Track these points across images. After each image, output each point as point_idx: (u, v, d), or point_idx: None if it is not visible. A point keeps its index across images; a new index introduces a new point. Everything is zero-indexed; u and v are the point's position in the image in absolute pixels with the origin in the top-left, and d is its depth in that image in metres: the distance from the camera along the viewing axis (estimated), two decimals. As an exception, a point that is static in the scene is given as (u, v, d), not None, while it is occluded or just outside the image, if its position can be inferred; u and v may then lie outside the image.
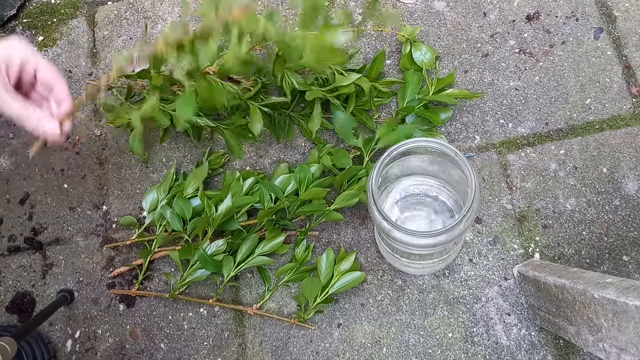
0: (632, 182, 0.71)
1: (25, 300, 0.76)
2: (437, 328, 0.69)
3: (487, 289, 0.70)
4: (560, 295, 0.57)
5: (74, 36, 0.87)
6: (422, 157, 0.58)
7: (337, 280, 0.67)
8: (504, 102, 0.76)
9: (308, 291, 0.66)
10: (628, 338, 0.47)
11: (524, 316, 0.68)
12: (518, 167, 0.73)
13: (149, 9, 0.87)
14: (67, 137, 0.63)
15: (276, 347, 0.70)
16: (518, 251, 0.70)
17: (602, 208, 0.71)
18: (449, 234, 0.52)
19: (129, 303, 0.74)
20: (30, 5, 0.90)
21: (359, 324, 0.70)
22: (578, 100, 0.75)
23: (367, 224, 0.73)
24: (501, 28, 0.79)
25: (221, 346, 0.71)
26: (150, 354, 0.72)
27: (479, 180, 0.68)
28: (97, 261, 0.76)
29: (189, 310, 0.73)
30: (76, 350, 0.73)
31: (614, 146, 0.73)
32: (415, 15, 0.81)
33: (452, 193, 0.62)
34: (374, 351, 0.69)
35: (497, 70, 0.77)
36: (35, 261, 0.77)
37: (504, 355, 0.67)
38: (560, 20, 0.79)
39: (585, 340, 0.55)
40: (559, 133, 0.74)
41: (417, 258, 0.63)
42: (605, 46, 0.77)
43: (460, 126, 0.76)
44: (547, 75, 0.77)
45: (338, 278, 0.67)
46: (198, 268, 0.69)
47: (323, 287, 0.67)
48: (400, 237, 0.53)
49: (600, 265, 0.69)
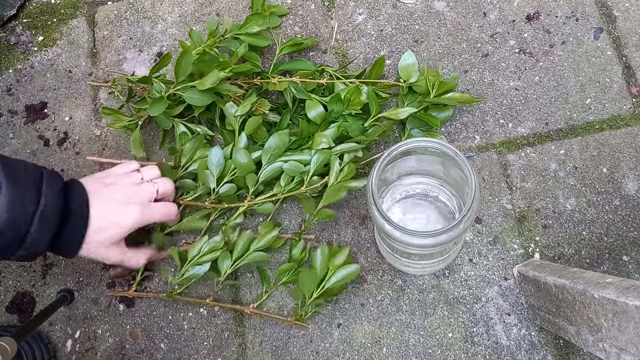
0: (632, 182, 0.71)
1: (25, 300, 0.76)
2: (437, 328, 0.69)
3: (487, 289, 0.70)
4: (560, 295, 0.57)
5: (74, 36, 0.87)
6: (422, 157, 0.58)
7: (332, 274, 0.67)
8: (504, 102, 0.76)
9: (305, 284, 0.66)
10: (628, 338, 0.47)
11: (524, 316, 0.68)
12: (518, 167, 0.73)
13: (149, 9, 0.87)
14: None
15: (276, 347, 0.70)
16: (518, 251, 0.70)
17: (602, 208, 0.71)
18: (449, 234, 0.52)
19: (129, 303, 0.74)
20: (30, 5, 0.90)
21: (359, 324, 0.70)
22: (578, 100, 0.75)
23: (367, 224, 0.73)
24: (501, 28, 0.79)
25: (221, 346, 0.71)
26: (150, 354, 0.72)
27: (479, 180, 0.68)
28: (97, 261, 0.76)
29: (189, 310, 0.73)
30: (76, 350, 0.73)
31: (614, 146, 0.73)
32: (415, 15, 0.81)
33: (452, 193, 0.62)
34: (374, 351, 0.69)
35: (497, 70, 0.77)
36: (35, 261, 0.77)
37: (504, 355, 0.67)
38: (560, 20, 0.79)
39: (585, 340, 0.55)
40: (559, 133, 0.74)
41: (417, 258, 0.63)
42: (605, 46, 0.77)
43: (460, 126, 0.76)
44: (547, 75, 0.77)
45: (333, 272, 0.67)
46: (196, 264, 0.69)
47: (320, 281, 0.67)
48: (400, 237, 0.53)
49: (600, 265, 0.69)
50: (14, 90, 0.84)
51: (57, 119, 0.82)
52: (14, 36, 0.88)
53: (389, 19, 0.82)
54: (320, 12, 0.84)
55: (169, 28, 0.85)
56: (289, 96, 0.73)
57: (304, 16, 0.83)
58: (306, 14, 0.84)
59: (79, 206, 0.59)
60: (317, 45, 0.81)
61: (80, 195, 0.60)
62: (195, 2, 0.86)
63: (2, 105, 0.84)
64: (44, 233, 0.56)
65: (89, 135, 0.81)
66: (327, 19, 0.83)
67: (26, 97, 0.84)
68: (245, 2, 0.85)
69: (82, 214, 0.59)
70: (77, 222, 0.59)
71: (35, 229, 0.55)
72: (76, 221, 0.59)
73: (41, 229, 0.55)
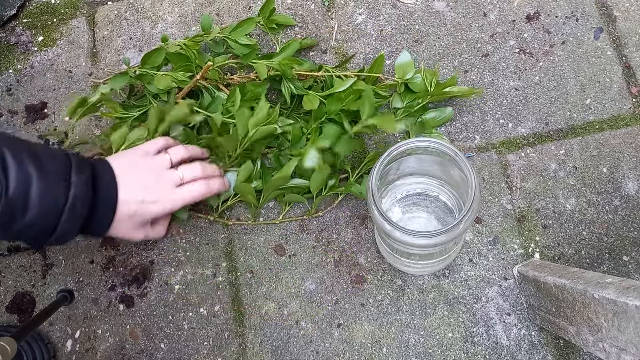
0: (632, 182, 0.71)
1: (25, 300, 0.76)
2: (437, 328, 0.69)
3: (487, 289, 0.70)
4: (560, 295, 0.57)
5: (74, 36, 0.87)
6: (422, 157, 0.58)
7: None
8: (504, 102, 0.76)
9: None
10: (628, 338, 0.47)
11: (524, 316, 0.68)
12: (518, 167, 0.73)
13: (149, 9, 0.87)
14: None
15: (276, 347, 0.70)
16: (518, 251, 0.70)
17: (602, 208, 0.71)
18: (449, 234, 0.52)
19: (129, 303, 0.74)
20: (30, 5, 0.90)
21: (359, 324, 0.70)
22: (578, 100, 0.75)
23: (367, 224, 0.73)
24: (501, 28, 0.79)
25: (221, 346, 0.71)
26: (150, 354, 0.72)
27: (479, 180, 0.68)
28: (97, 261, 0.76)
29: (189, 310, 0.73)
30: (76, 350, 0.73)
31: (614, 146, 0.73)
32: (415, 15, 0.81)
33: (452, 193, 0.62)
34: (374, 351, 0.69)
35: (497, 70, 0.77)
36: (35, 261, 0.77)
37: (504, 355, 0.67)
38: (560, 20, 0.79)
39: (585, 340, 0.55)
40: (559, 133, 0.74)
41: (417, 258, 0.63)
42: (605, 46, 0.77)
43: (460, 126, 0.76)
44: (547, 75, 0.77)
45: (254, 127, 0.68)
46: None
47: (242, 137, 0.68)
48: (400, 237, 0.53)
49: (600, 265, 0.69)
50: (14, 90, 0.85)
51: (57, 119, 0.82)
52: (14, 36, 0.88)
53: (389, 19, 0.82)
54: (320, 12, 0.84)
55: (169, 28, 0.85)
56: (287, 92, 0.73)
57: (304, 16, 0.83)
58: (306, 14, 0.84)
59: (108, 195, 0.61)
60: (317, 45, 0.81)
61: (109, 184, 0.61)
62: (195, 2, 0.86)
63: (2, 105, 0.84)
64: (74, 222, 0.58)
65: (89, 135, 0.81)
66: (327, 19, 0.83)
67: (26, 97, 0.84)
68: (245, 2, 0.85)
69: (111, 202, 0.61)
70: (105, 210, 0.61)
71: (65, 218, 0.57)
72: (105, 209, 0.61)
73: (71, 219, 0.57)
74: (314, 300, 0.71)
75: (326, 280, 0.72)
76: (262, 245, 0.74)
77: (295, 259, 0.73)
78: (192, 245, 0.75)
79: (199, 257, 0.74)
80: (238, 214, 0.75)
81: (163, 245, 0.75)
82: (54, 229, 0.56)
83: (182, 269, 0.74)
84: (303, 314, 0.71)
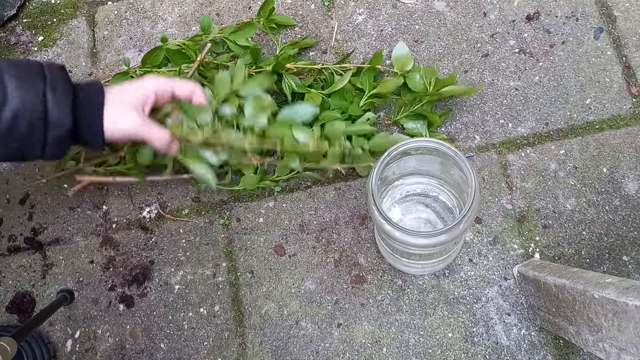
0: (632, 182, 0.71)
1: (25, 300, 0.76)
2: (437, 328, 0.69)
3: (487, 289, 0.70)
4: (560, 295, 0.57)
5: (74, 36, 0.87)
6: (422, 157, 0.58)
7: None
8: (504, 102, 0.76)
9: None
10: (628, 338, 0.47)
11: (524, 316, 0.68)
12: (518, 167, 0.73)
13: (149, 9, 0.87)
14: None
15: (276, 347, 0.70)
16: (518, 251, 0.70)
17: (602, 208, 0.71)
18: (449, 234, 0.52)
19: (129, 303, 0.74)
20: (30, 5, 0.90)
21: (359, 324, 0.70)
22: (578, 100, 0.75)
23: (367, 224, 0.73)
24: (501, 28, 0.79)
25: (221, 346, 0.71)
26: (150, 354, 0.72)
27: (479, 180, 0.68)
28: (97, 261, 0.76)
29: (189, 310, 0.73)
30: (76, 350, 0.73)
31: (614, 146, 0.73)
32: (415, 15, 0.81)
33: (452, 193, 0.62)
34: (374, 351, 0.69)
35: (497, 70, 0.77)
36: (35, 261, 0.77)
37: (504, 355, 0.67)
38: (560, 20, 0.79)
39: (585, 340, 0.55)
40: (559, 133, 0.74)
41: (417, 258, 0.63)
42: (605, 46, 0.77)
43: (460, 126, 0.76)
44: (547, 75, 0.77)
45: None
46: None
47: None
48: (400, 237, 0.53)
49: (600, 265, 0.69)
50: (14, 90, 0.84)
51: (57, 119, 0.82)
52: (14, 36, 0.88)
53: (389, 19, 0.82)
54: (320, 12, 0.84)
55: (169, 28, 0.85)
56: (288, 90, 0.73)
57: (304, 16, 0.83)
58: (306, 14, 0.84)
59: (88, 83, 0.60)
60: (317, 45, 0.81)
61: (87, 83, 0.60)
62: (195, 2, 0.86)
63: (2, 105, 0.84)
64: (62, 105, 0.55)
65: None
66: (327, 19, 0.83)
67: (26, 97, 0.84)
68: (245, 2, 0.85)
69: (95, 86, 0.59)
70: (91, 93, 0.59)
71: (51, 99, 0.55)
72: (90, 91, 0.59)
73: (57, 101, 0.55)
74: (314, 300, 0.71)
75: (326, 280, 0.72)
76: (262, 245, 0.74)
77: (295, 259, 0.73)
78: (192, 245, 0.75)
79: (199, 257, 0.74)
80: (238, 214, 0.75)
81: (163, 245, 0.75)
82: (45, 119, 0.54)
83: (182, 269, 0.74)
84: (303, 314, 0.71)
